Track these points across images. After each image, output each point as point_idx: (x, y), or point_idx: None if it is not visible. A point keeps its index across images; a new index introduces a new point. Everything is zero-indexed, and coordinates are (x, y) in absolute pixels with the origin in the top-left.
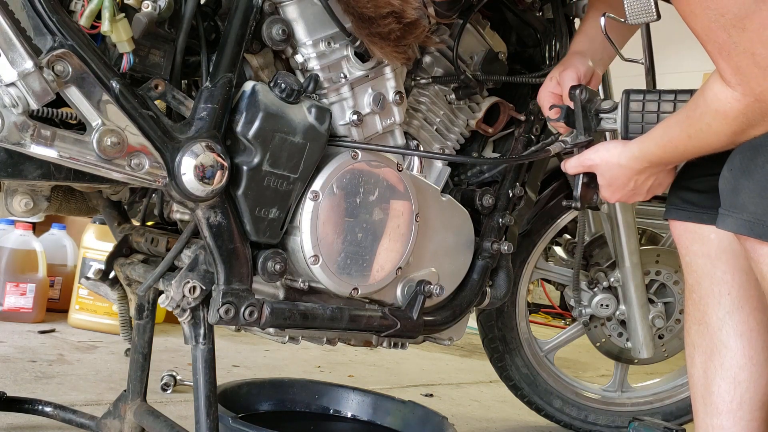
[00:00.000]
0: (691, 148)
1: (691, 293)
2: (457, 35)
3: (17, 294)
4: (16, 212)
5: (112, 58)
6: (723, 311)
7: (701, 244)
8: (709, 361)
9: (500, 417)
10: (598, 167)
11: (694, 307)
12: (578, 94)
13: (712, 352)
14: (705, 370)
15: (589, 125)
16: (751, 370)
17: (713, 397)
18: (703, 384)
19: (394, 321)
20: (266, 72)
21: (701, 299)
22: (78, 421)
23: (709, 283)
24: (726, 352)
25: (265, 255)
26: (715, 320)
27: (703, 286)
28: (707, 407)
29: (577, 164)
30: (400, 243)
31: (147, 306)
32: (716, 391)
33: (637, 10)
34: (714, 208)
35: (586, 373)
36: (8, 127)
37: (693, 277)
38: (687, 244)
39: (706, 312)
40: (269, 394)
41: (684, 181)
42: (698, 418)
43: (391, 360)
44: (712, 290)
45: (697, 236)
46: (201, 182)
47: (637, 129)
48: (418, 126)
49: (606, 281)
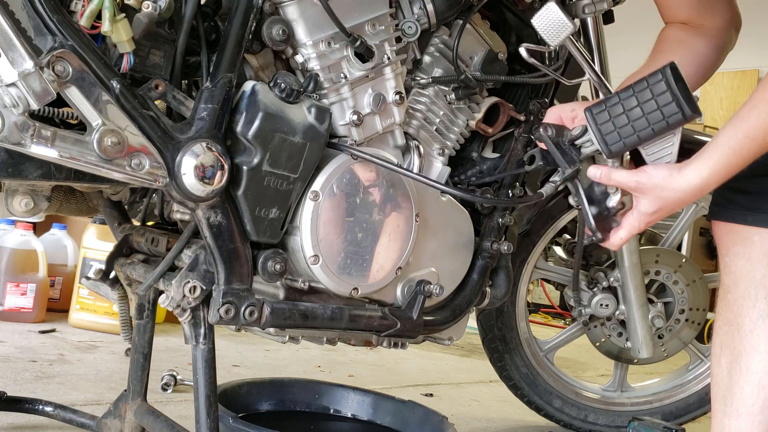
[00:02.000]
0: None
1: (726, 294)
2: (457, 35)
3: (18, 294)
4: (17, 212)
5: (112, 59)
6: (757, 314)
7: (743, 245)
8: (735, 363)
9: (500, 417)
10: (649, 191)
11: (727, 308)
12: (545, 133)
13: (740, 354)
14: (730, 371)
15: (570, 157)
16: None
17: (735, 398)
18: (727, 385)
19: (394, 321)
20: (266, 72)
21: (736, 301)
22: (78, 420)
23: (747, 285)
24: (755, 356)
25: (265, 255)
26: (747, 323)
27: (739, 287)
28: (727, 408)
29: (625, 179)
30: (400, 243)
31: (147, 306)
32: (739, 393)
33: (552, 30)
34: (760, 210)
35: (586, 373)
36: (9, 127)
37: (730, 278)
38: (728, 245)
39: (740, 314)
40: (269, 394)
41: (730, 182)
42: (716, 417)
43: (391, 360)
44: (749, 293)
45: (740, 237)
46: (201, 182)
47: (614, 138)
48: (418, 126)
49: (606, 281)
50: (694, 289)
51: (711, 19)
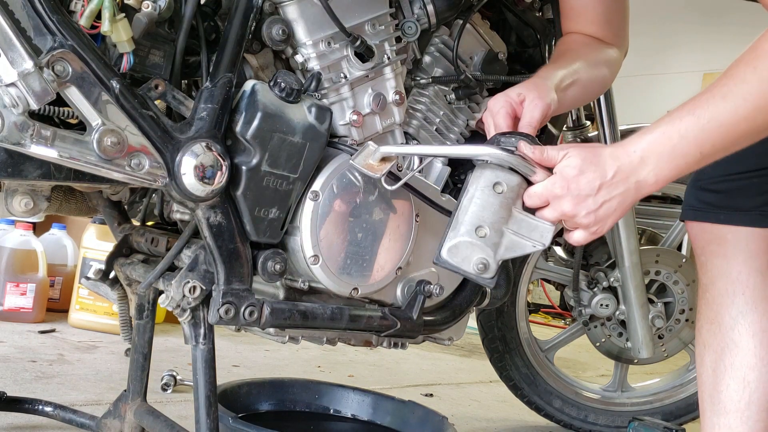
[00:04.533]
0: (721, 114)
1: (704, 293)
2: (457, 35)
3: (17, 294)
4: (16, 212)
5: (112, 58)
6: (736, 311)
7: (718, 244)
8: (719, 360)
9: (500, 417)
10: (577, 148)
11: (707, 307)
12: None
13: (723, 352)
14: (714, 369)
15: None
16: (761, 371)
17: (721, 396)
18: (712, 383)
19: (394, 321)
20: (266, 72)
21: (714, 299)
22: (78, 420)
23: (724, 282)
24: (737, 352)
25: (265, 255)
26: (727, 319)
27: (717, 285)
28: (715, 406)
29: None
30: (400, 243)
31: (147, 306)
32: (725, 390)
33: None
34: (730, 208)
35: (586, 373)
36: (8, 127)
37: (707, 276)
38: (703, 244)
39: (719, 311)
40: (269, 394)
41: (700, 182)
42: (705, 416)
43: (391, 360)
44: (726, 290)
45: (714, 236)
46: (201, 182)
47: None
48: (418, 126)
49: (606, 281)
50: (695, 289)
51: (612, 38)
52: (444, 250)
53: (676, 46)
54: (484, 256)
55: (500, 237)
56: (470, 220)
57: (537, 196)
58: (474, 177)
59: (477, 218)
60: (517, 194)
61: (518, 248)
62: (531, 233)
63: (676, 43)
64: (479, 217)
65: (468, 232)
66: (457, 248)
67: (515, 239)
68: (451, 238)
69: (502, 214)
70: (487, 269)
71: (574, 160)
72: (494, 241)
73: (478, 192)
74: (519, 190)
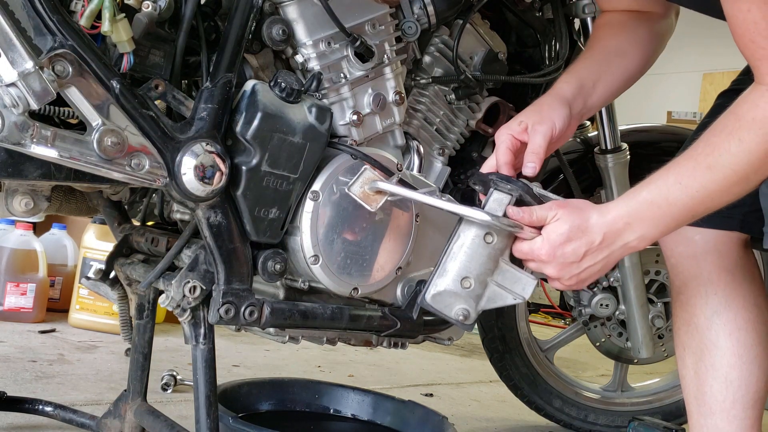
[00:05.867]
0: (710, 184)
1: (678, 295)
2: (457, 35)
3: (18, 294)
4: (17, 212)
5: (112, 58)
6: (710, 311)
7: (686, 245)
8: (699, 362)
9: (500, 417)
10: (566, 206)
11: (681, 309)
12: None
13: (702, 353)
14: (696, 371)
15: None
16: (741, 369)
17: (706, 397)
18: (696, 385)
19: (394, 321)
20: (266, 72)
21: (688, 300)
22: (78, 420)
23: (696, 284)
24: (716, 352)
25: (265, 255)
26: (703, 320)
27: (689, 287)
28: (701, 407)
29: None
30: (400, 243)
31: (147, 306)
32: (708, 391)
33: (517, 285)
34: None
35: (586, 373)
36: (8, 127)
37: (679, 278)
38: (672, 247)
39: (694, 313)
40: (269, 394)
41: None
42: (692, 418)
43: (391, 360)
44: (698, 291)
45: (682, 238)
46: (201, 182)
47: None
48: (418, 126)
49: (605, 281)
50: None
51: (651, 5)
52: (429, 295)
53: (676, 46)
54: (466, 306)
55: (483, 288)
56: (457, 270)
57: (523, 254)
58: (467, 223)
59: (464, 269)
60: (506, 245)
61: (499, 300)
62: (514, 285)
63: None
64: (466, 268)
65: (453, 282)
66: (441, 296)
67: (498, 291)
68: (437, 285)
69: (489, 266)
70: (467, 318)
71: (561, 225)
72: (477, 293)
73: (468, 241)
74: (508, 241)
